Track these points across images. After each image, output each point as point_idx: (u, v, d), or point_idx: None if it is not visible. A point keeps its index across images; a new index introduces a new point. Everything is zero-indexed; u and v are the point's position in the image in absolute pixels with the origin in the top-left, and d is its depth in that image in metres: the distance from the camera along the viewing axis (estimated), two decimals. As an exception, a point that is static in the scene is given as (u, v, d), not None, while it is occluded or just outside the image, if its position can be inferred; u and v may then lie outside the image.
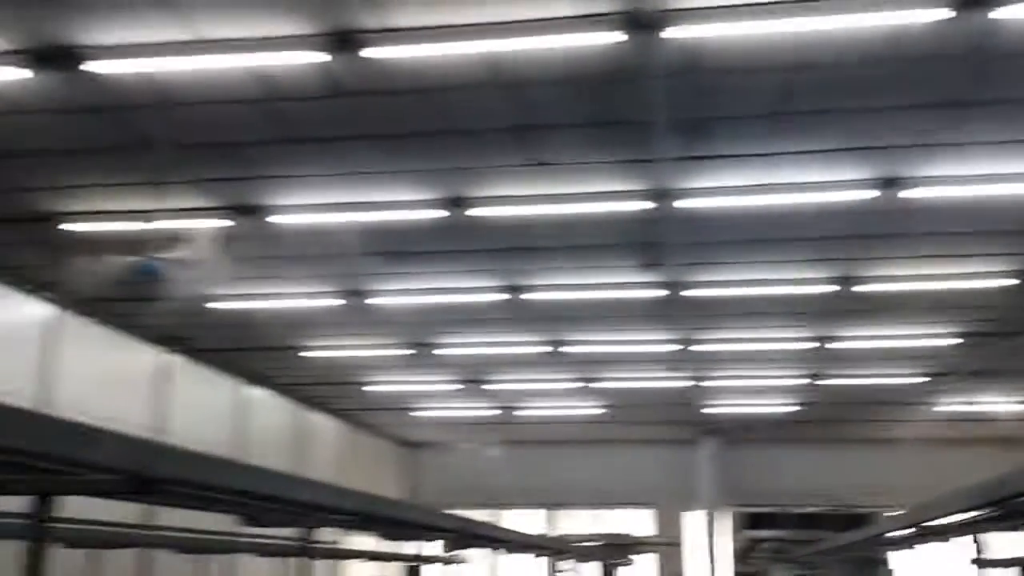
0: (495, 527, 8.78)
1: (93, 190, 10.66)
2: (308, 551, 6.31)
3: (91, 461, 3.04)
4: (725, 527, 24.67)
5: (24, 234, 11.93)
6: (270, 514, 4.90)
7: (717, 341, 16.80)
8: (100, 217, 11.31)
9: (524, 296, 14.31)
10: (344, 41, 7.63)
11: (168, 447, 3.31)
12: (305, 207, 11.18)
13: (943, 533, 7.50)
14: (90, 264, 12.69)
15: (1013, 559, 8.27)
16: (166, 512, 15.22)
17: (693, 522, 25.25)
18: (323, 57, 7.80)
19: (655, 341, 16.92)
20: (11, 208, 11.15)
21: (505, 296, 14.32)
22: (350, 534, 22.44)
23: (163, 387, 16.86)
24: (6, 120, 8.98)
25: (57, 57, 7.78)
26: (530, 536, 13.68)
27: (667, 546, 21.51)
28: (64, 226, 11.52)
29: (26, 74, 7.92)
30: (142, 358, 16.62)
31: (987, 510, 5.77)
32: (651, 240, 12.03)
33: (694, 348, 17.02)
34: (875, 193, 10.37)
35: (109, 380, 15.19)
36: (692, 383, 19.68)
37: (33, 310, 13.97)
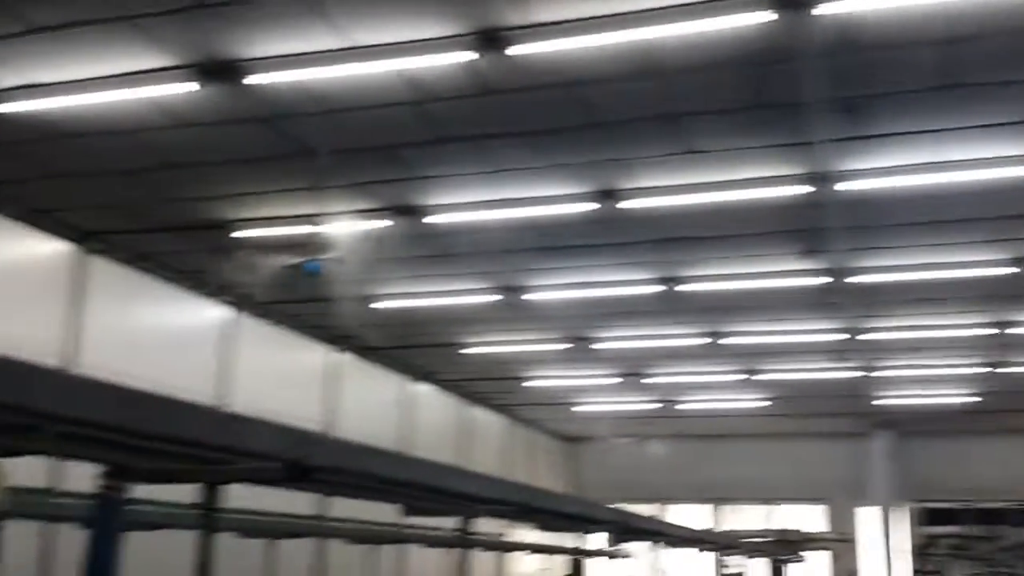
0: (658, 520, 8.69)
1: (260, 197, 11.17)
2: (469, 542, 6.41)
3: (254, 450, 3.18)
4: (901, 523, 23.67)
5: (200, 241, 12.61)
6: (428, 503, 5.01)
7: (887, 329, 16.13)
8: (268, 223, 11.84)
9: (681, 287, 14.12)
10: (490, 40, 7.71)
11: (325, 437, 3.43)
12: (460, 206, 11.38)
13: None
14: (261, 267, 13.31)
15: None
16: (339, 505, 15.83)
17: (867, 518, 24.36)
18: (470, 56, 7.91)
19: (820, 331, 16.41)
20: (187, 216, 11.81)
21: (662, 288, 14.17)
22: (514, 526, 22.77)
23: (332, 384, 17.51)
24: (176, 134, 9.51)
25: (221, 71, 8.19)
26: (695, 530, 13.51)
27: (840, 543, 20.79)
28: (236, 232, 12.12)
29: (193, 88, 8.35)
30: (313, 357, 17.31)
31: None
32: (812, 226, 11.66)
33: (863, 337, 16.40)
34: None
35: (282, 378, 15.89)
36: (862, 374, 18.97)
37: (211, 313, 14.77)
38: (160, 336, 13.51)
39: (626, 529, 7.42)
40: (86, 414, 2.44)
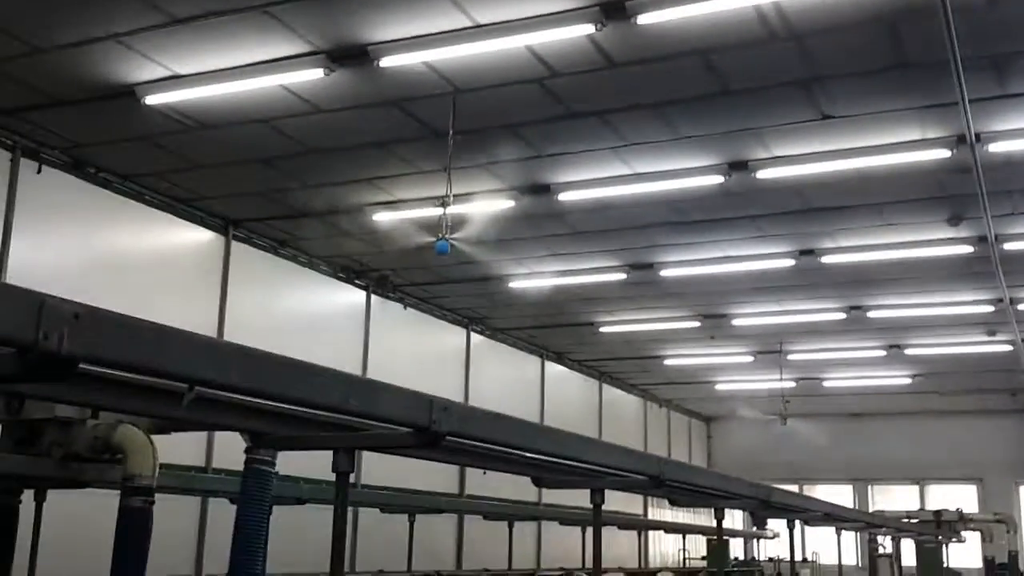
0: (802, 495, 8.47)
1: (393, 180, 11.37)
2: (602, 520, 6.38)
3: (386, 416, 3.23)
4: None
5: (336, 226, 12.94)
6: (558, 475, 5.00)
7: (1042, 299, 15.29)
8: (401, 205, 12.05)
9: (820, 260, 13.71)
10: (615, 9, 7.61)
11: (456, 404, 3.46)
12: (589, 182, 11.31)
13: None
14: (396, 250, 13.58)
15: None
16: (475, 485, 16.08)
17: (1025, 498, 23.25)
18: (595, 29, 7.83)
19: (969, 302, 15.68)
20: (323, 201, 12.12)
21: (799, 260, 13.80)
22: (650, 507, 22.59)
23: (468, 366, 17.73)
24: (310, 120, 9.76)
25: (351, 55, 8.35)
26: (845, 508, 13.12)
27: (997, 523, 19.88)
28: (371, 215, 12.37)
29: (323, 74, 8.54)
30: (449, 338, 17.57)
31: None
32: (958, 191, 11.12)
33: (1017, 307, 15.56)
34: None
35: (418, 360, 16.19)
36: (1016, 346, 18.01)
37: (349, 296, 15.16)
38: (300, 319, 13.94)
39: (766, 504, 7.24)
40: (230, 379, 2.51)
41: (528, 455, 4.24)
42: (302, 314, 14.26)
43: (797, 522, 9.55)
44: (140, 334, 2.14)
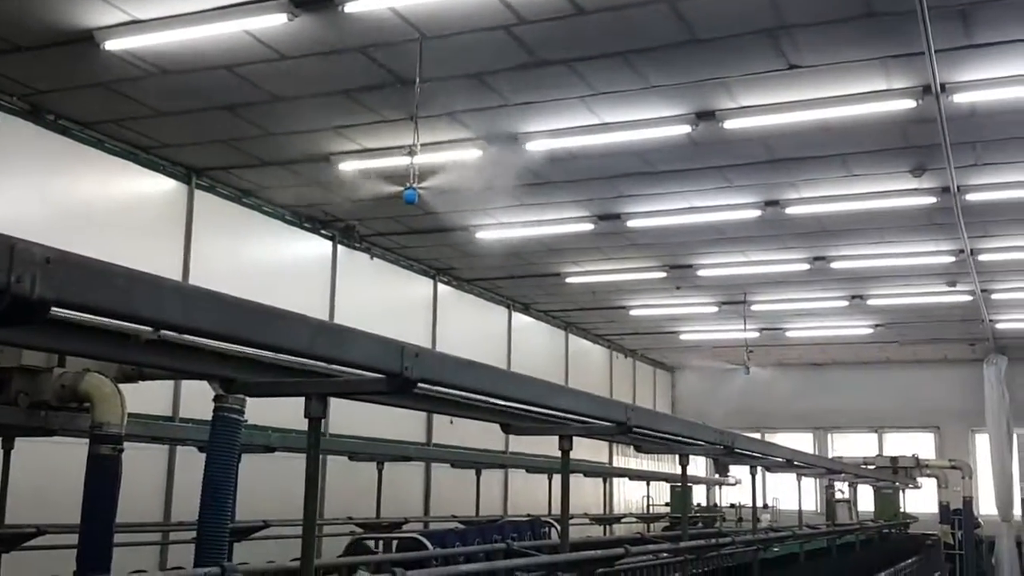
0: (765, 442, 8.63)
1: (359, 128, 11.26)
2: (568, 467, 6.46)
3: (357, 362, 3.23)
4: (1016, 448, 23.02)
5: (301, 175, 12.82)
6: (525, 422, 5.05)
7: (1001, 250, 15.51)
8: (367, 154, 11.95)
9: (785, 210, 13.81)
10: (584, -44, 7.55)
11: (428, 351, 3.47)
12: (558, 132, 11.27)
13: None
14: (362, 199, 13.49)
15: None
16: (443, 435, 16.19)
17: (981, 445, 23.77)
18: (564, -25, 7.75)
19: (931, 252, 15.89)
20: (288, 150, 11.99)
21: (765, 211, 13.88)
22: (617, 455, 22.88)
23: (435, 316, 17.75)
24: (274, 67, 9.61)
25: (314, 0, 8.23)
26: (808, 454, 13.38)
27: (952, 469, 20.36)
28: (336, 165, 12.27)
29: (286, 19, 8.41)
30: (415, 288, 17.56)
31: None
32: (922, 142, 11.22)
33: (977, 258, 15.80)
34: None
35: (385, 310, 16.18)
36: (975, 297, 18.33)
37: (315, 246, 15.06)
38: (265, 270, 13.85)
39: (730, 451, 7.36)
40: (203, 324, 2.50)
41: (498, 402, 4.28)
42: (268, 264, 14.17)
43: (759, 468, 9.72)
44: (112, 278, 2.12)
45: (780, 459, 9.34)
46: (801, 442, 24.59)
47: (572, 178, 12.79)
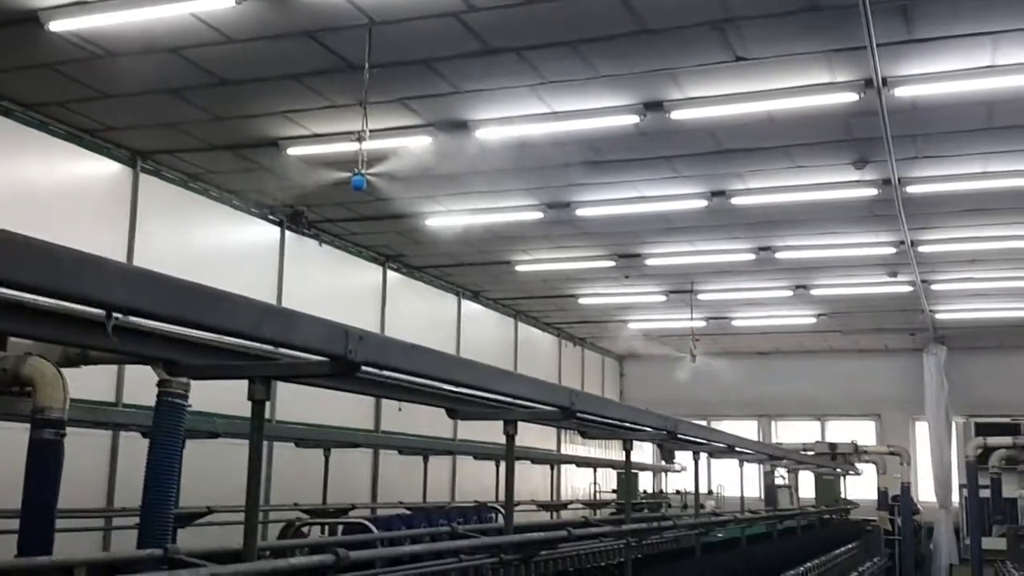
0: (709, 428, 8.78)
1: (307, 113, 11.20)
2: (515, 453, 6.53)
3: (302, 345, 3.26)
4: (954, 436, 23.58)
5: (249, 159, 12.72)
6: (471, 407, 5.10)
7: (941, 241, 15.87)
8: (315, 139, 11.90)
9: (731, 201, 13.99)
10: (534, -56, 7.59)
11: (373, 334, 3.50)
12: (507, 120, 11.30)
13: None
14: (310, 185, 13.41)
15: None
16: (391, 421, 16.19)
17: (920, 432, 24.33)
18: (514, -37, 7.79)
19: (872, 244, 16.20)
20: (235, 134, 11.90)
21: (711, 202, 14.06)
22: (565, 442, 23.02)
23: (386, 302, 17.73)
24: (221, 50, 9.53)
25: (265, -16, 8.17)
26: (751, 440, 13.59)
27: (891, 455, 20.81)
28: (284, 150, 12.19)
29: (233, 2, 8.34)
30: (363, 275, 17.52)
31: None
32: (865, 135, 11.44)
33: (917, 250, 16.15)
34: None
35: (333, 297, 16.12)
36: (916, 288, 18.73)
37: (262, 231, 14.96)
38: (212, 255, 13.74)
39: (673, 436, 7.48)
40: (146, 305, 2.51)
41: (443, 387, 4.32)
42: (214, 249, 14.05)
43: (702, 454, 9.87)
44: (56, 258, 2.13)
45: (722, 445, 9.50)
46: (746, 430, 24.96)
47: (522, 166, 12.82)
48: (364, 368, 3.44)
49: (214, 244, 14.15)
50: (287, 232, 15.34)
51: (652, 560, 7.52)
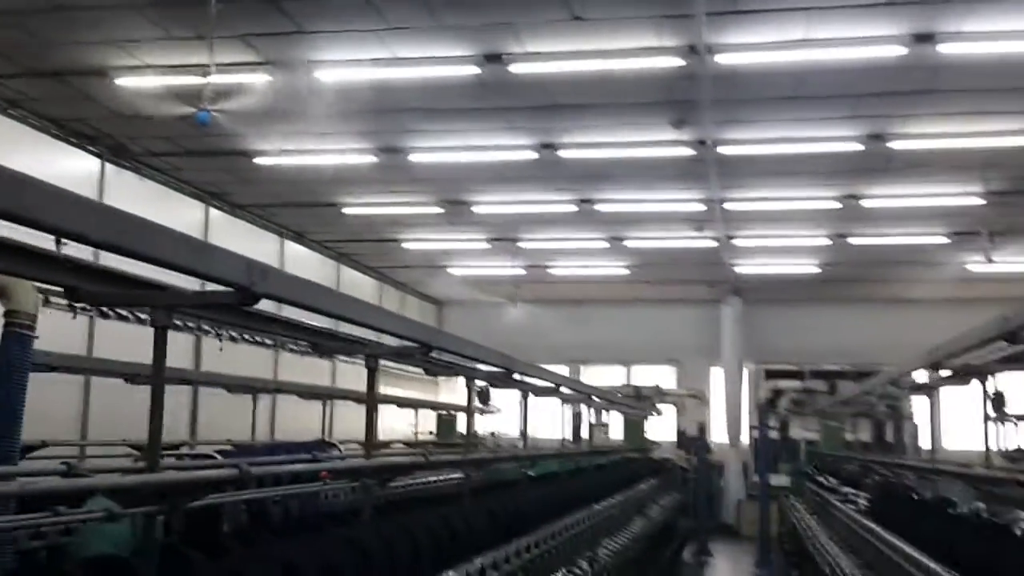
0: (539, 368, 9.34)
1: (144, 44, 10.92)
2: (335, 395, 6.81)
3: (207, 274, 3.45)
4: (747, 381, 25.40)
5: (76, 87, 12.24)
6: (336, 342, 5.36)
7: (745, 200, 17.03)
8: (151, 71, 11.60)
9: (558, 153, 14.56)
10: None
11: (273, 268, 3.72)
12: (348, 62, 11.39)
13: (964, 375, 7.76)
14: (140, 118, 13.04)
15: None
16: (212, 360, 16.03)
17: (716, 378, 26.06)
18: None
19: (685, 200, 17.19)
20: (63, 61, 11.44)
21: (540, 154, 14.58)
22: (381, 384, 23.27)
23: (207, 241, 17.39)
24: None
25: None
26: (579, 382, 14.33)
27: (690, 398, 22.30)
28: (115, 80, 11.82)
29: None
30: (187, 211, 17.12)
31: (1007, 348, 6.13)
32: (684, 97, 12.19)
33: (724, 207, 17.27)
34: (906, 49, 10.48)
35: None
36: (720, 243, 19.98)
37: (82, 163, 14.40)
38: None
39: (509, 374, 7.98)
40: (61, 224, 2.65)
41: (311, 323, 4.53)
42: (30, 179, 13.40)
43: (528, 393, 10.45)
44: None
45: (551, 384, 10.10)
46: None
47: (359, 109, 12.90)
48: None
49: (29, 173, 13.49)
50: (107, 164, 14.82)
51: (486, 490, 8.05)
